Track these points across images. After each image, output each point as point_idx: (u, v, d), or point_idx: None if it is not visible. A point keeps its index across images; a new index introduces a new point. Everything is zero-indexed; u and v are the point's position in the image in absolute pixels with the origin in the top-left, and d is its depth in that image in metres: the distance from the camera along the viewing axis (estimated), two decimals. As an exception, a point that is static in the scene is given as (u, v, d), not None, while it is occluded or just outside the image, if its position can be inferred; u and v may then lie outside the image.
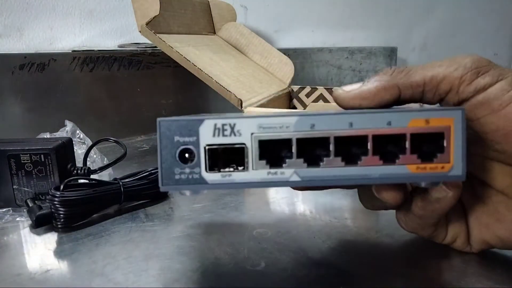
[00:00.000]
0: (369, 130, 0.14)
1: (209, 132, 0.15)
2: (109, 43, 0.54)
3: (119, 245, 0.25)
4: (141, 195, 0.31)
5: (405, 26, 0.87)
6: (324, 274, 0.22)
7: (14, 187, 0.30)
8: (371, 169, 0.15)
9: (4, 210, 0.30)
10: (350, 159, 0.15)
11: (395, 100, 0.18)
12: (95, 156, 0.36)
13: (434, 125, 0.14)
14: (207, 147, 0.15)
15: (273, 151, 0.15)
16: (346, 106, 0.18)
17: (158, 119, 0.15)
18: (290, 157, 0.15)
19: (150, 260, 0.23)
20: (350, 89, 0.18)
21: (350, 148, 0.15)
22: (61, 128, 0.38)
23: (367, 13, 0.82)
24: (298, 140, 0.15)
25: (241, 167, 0.15)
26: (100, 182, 0.30)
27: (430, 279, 0.21)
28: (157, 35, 0.40)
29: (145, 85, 0.54)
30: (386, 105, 0.18)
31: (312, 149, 0.15)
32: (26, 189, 0.30)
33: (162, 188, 0.16)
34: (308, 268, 0.22)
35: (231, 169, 0.15)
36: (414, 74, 0.18)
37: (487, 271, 0.22)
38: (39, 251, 0.25)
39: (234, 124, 0.14)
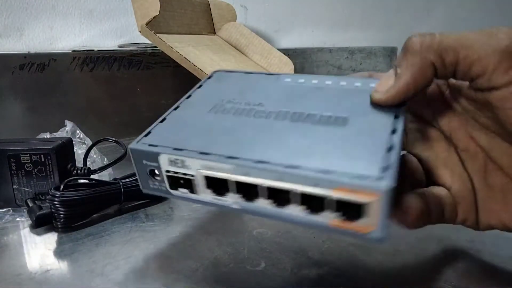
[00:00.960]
0: (297, 186, 0.15)
1: (166, 162, 0.18)
2: (109, 43, 0.54)
3: (119, 245, 0.25)
4: (141, 195, 0.31)
5: (405, 26, 0.87)
6: (324, 274, 0.22)
7: (14, 187, 0.29)
8: (297, 213, 0.16)
9: (4, 210, 0.30)
10: (280, 203, 0.16)
11: (434, 77, 0.17)
12: (95, 156, 0.36)
13: (359, 196, 0.14)
14: (166, 173, 0.18)
15: (217, 184, 0.17)
16: (391, 104, 0.17)
17: (129, 146, 0.18)
18: (229, 192, 0.17)
19: (150, 260, 0.23)
20: (386, 89, 0.17)
21: (280, 195, 0.16)
22: (61, 128, 0.38)
23: (367, 13, 0.82)
24: (235, 181, 0.16)
25: (193, 191, 0.18)
26: (100, 182, 0.30)
27: (431, 279, 0.21)
28: (157, 35, 0.40)
29: (145, 85, 0.54)
30: (427, 85, 0.17)
31: (248, 188, 0.16)
32: (26, 189, 0.30)
33: (144, 191, 0.19)
34: (308, 268, 0.22)
35: (187, 190, 0.18)
36: (447, 51, 0.16)
37: (487, 272, 0.22)
38: (39, 251, 0.25)
39: (184, 161, 0.17)
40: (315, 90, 0.21)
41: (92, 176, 0.32)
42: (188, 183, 0.18)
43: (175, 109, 0.21)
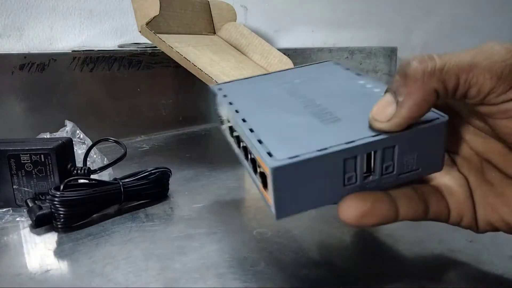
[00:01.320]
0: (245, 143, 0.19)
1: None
2: (109, 43, 0.54)
3: (119, 245, 0.25)
4: (141, 195, 0.31)
5: (406, 26, 0.87)
6: (324, 274, 0.22)
7: (14, 187, 0.29)
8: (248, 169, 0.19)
9: (4, 210, 0.30)
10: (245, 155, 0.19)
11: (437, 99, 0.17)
12: (95, 156, 0.36)
13: (263, 167, 0.16)
14: None
15: None
16: (401, 129, 0.17)
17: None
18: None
19: (150, 260, 0.23)
20: (388, 118, 0.17)
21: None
22: (61, 128, 0.38)
23: (367, 13, 0.82)
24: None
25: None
26: (100, 182, 0.30)
27: (431, 280, 0.21)
28: (157, 35, 0.40)
29: (145, 85, 0.54)
30: (432, 106, 0.17)
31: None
32: (26, 189, 0.30)
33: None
34: (308, 268, 0.22)
35: None
36: (449, 76, 0.16)
37: (488, 272, 0.22)
38: (39, 251, 0.25)
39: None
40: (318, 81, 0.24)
41: (92, 176, 0.32)
42: None
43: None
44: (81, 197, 0.27)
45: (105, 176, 0.34)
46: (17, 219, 0.29)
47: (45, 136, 0.35)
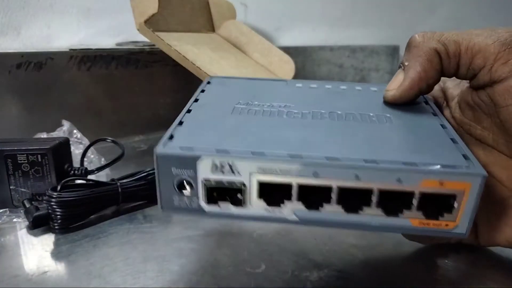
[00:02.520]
0: (376, 184, 0.14)
1: (206, 168, 0.14)
2: (107, 42, 0.53)
3: (117, 246, 0.25)
4: (139, 196, 0.31)
5: (408, 24, 0.87)
6: (325, 276, 0.21)
7: (11, 187, 0.29)
8: (372, 218, 0.14)
9: (1, 211, 0.29)
10: (352, 208, 0.14)
11: (441, 67, 0.17)
12: (92, 156, 0.36)
13: (447, 188, 0.13)
14: (204, 182, 0.15)
15: (273, 191, 0.14)
16: (408, 100, 0.18)
17: (156, 151, 0.14)
18: (290, 199, 0.14)
19: (148, 262, 0.23)
20: (396, 86, 0.18)
21: (352, 198, 0.14)
22: (58, 128, 0.38)
23: (368, 10, 0.82)
24: (299, 185, 0.14)
25: (239, 203, 0.15)
26: (97, 183, 0.29)
27: (432, 281, 0.21)
28: (155, 33, 0.40)
29: (143, 84, 0.53)
30: (438, 76, 0.17)
31: (312, 194, 0.14)
32: (23, 189, 0.29)
33: (164, 211, 0.16)
34: (309, 270, 0.22)
35: (229, 204, 0.15)
36: (449, 41, 0.17)
37: (490, 273, 0.21)
38: (36, 252, 0.24)
39: (232, 164, 0.14)
40: (334, 94, 0.20)
41: (89, 177, 0.31)
42: (233, 194, 0.15)
43: (188, 112, 0.18)
44: (79, 198, 0.27)
45: (102, 176, 0.34)
46: (14, 220, 0.29)
47: (42, 136, 0.35)
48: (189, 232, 0.27)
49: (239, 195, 0.15)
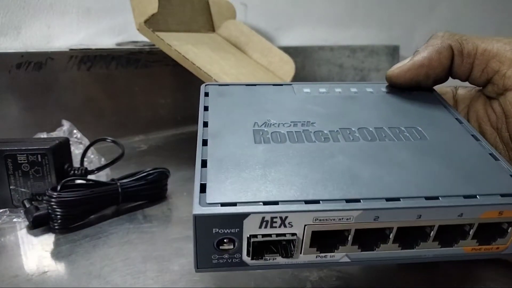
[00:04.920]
0: (438, 221, 0.13)
1: (254, 225, 0.13)
2: (107, 42, 0.53)
3: (117, 246, 0.25)
4: (139, 196, 0.31)
5: (408, 24, 0.87)
6: (324, 276, 0.21)
7: (11, 187, 0.29)
8: (427, 251, 0.14)
9: (1, 211, 0.29)
10: (407, 244, 0.14)
11: (450, 64, 0.17)
12: (92, 156, 0.36)
13: (506, 216, 0.14)
14: (250, 239, 0.13)
15: (326, 237, 0.14)
16: (403, 81, 0.18)
17: (195, 213, 0.13)
18: (344, 244, 0.14)
19: (148, 262, 0.23)
20: (402, 64, 0.18)
21: (410, 235, 0.14)
22: (58, 128, 0.38)
23: (369, 10, 0.82)
24: (356, 230, 0.13)
25: (288, 254, 0.14)
26: (97, 183, 0.29)
27: (432, 280, 0.21)
28: (155, 33, 0.39)
29: (143, 84, 0.53)
30: (442, 71, 0.17)
31: (369, 235, 0.14)
32: (23, 189, 0.29)
33: (198, 271, 0.15)
34: (309, 270, 0.22)
35: (277, 256, 0.14)
36: (467, 41, 0.17)
37: (490, 273, 0.21)
38: (36, 252, 0.24)
39: (285, 217, 0.13)
40: (349, 100, 0.19)
41: (89, 177, 0.31)
42: (283, 246, 0.13)
43: (204, 144, 0.16)
44: (78, 198, 0.27)
45: (102, 176, 0.33)
46: (14, 220, 0.29)
47: (42, 136, 0.35)
48: (189, 232, 0.27)
49: (289, 247, 0.14)
